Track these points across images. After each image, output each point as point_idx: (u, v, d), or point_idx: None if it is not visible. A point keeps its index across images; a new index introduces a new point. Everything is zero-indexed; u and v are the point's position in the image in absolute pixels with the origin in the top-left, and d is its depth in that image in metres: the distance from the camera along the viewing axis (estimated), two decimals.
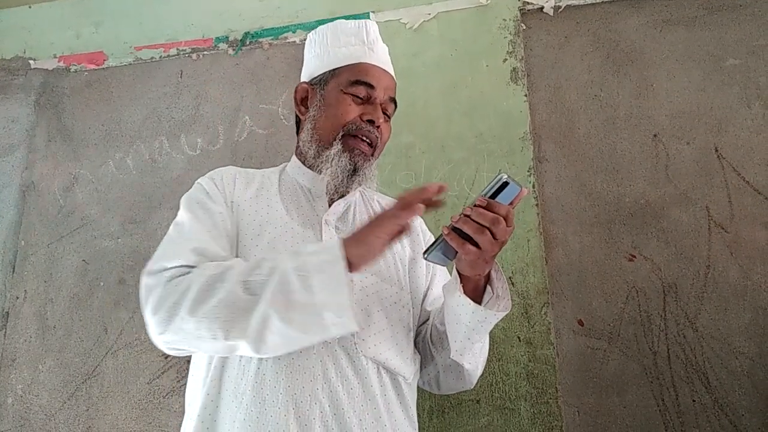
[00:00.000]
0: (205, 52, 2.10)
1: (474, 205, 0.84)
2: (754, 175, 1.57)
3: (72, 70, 2.21)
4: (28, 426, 1.85)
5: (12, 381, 1.91)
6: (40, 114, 2.20)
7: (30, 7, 2.32)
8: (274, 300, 0.82)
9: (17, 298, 2.00)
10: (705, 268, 1.54)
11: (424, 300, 1.13)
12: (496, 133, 1.72)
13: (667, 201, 1.60)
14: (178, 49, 2.12)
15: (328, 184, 1.07)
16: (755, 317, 1.48)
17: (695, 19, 1.72)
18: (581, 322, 1.57)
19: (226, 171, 1.13)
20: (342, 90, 1.09)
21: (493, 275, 0.97)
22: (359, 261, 0.85)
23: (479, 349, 1.05)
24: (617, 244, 1.60)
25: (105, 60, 2.19)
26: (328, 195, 1.10)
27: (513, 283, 1.58)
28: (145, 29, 2.17)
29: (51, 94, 2.21)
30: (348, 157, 1.06)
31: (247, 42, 2.05)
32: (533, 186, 1.66)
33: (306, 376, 0.92)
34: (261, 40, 2.04)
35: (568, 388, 1.52)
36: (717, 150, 1.61)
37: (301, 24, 2.01)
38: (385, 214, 0.86)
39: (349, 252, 0.84)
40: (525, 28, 1.82)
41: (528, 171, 1.66)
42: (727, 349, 1.47)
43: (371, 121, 1.08)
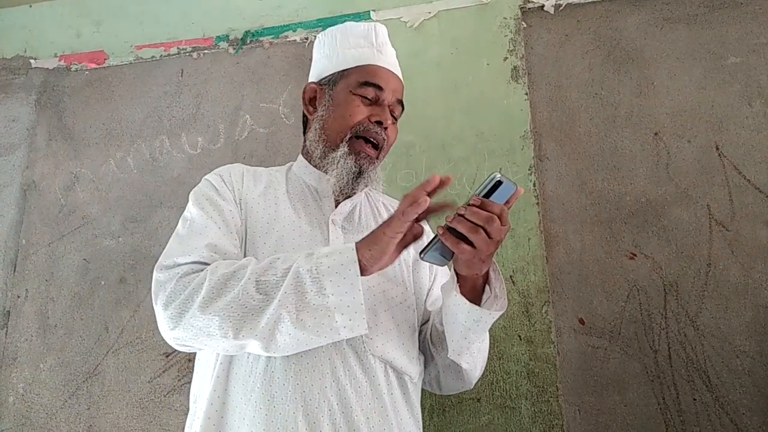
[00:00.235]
0: (206, 50, 2.10)
1: (468, 205, 0.84)
2: (755, 174, 1.57)
3: (73, 69, 2.22)
4: (29, 425, 1.86)
5: (13, 380, 1.92)
6: (40, 113, 2.20)
7: (30, 7, 2.32)
8: (286, 301, 0.82)
9: (18, 297, 2.00)
10: (706, 266, 1.53)
11: (425, 300, 1.14)
12: (496, 132, 1.71)
13: (668, 199, 1.60)
14: (178, 48, 2.12)
15: (333, 185, 1.08)
16: (756, 316, 1.48)
17: (696, 17, 1.71)
18: (582, 320, 1.57)
19: (234, 168, 1.13)
20: (351, 91, 1.10)
21: (491, 275, 0.97)
22: (372, 264, 0.86)
23: (477, 350, 1.05)
24: (618, 242, 1.60)
25: (105, 59, 2.19)
26: (333, 195, 1.11)
27: (514, 282, 1.58)
28: (146, 28, 2.18)
29: (52, 93, 2.21)
30: (354, 160, 1.07)
31: (248, 41, 2.05)
32: (534, 185, 1.65)
33: (315, 374, 0.92)
34: (261, 38, 2.04)
35: (568, 386, 1.52)
36: (718, 148, 1.61)
37: (302, 23, 2.01)
38: (394, 215, 0.86)
39: (363, 255, 0.85)
40: (526, 26, 1.82)
41: (529, 169, 1.66)
42: (728, 348, 1.47)
43: (379, 123, 1.08)
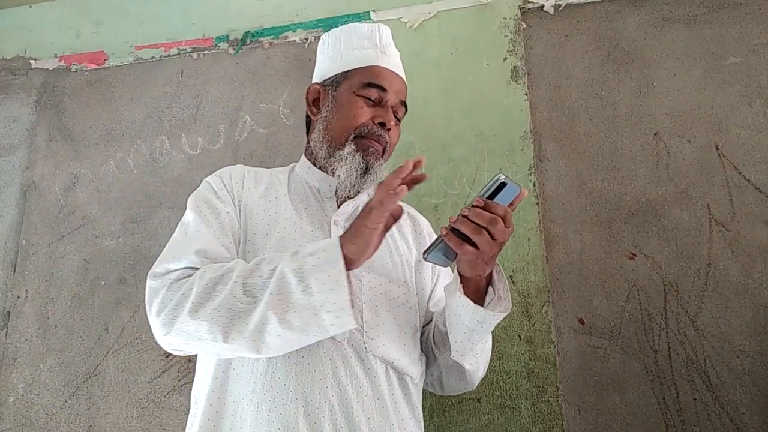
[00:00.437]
0: (206, 51, 2.10)
1: (471, 206, 0.84)
2: (755, 174, 1.57)
3: (72, 69, 2.22)
4: (29, 425, 1.86)
5: (13, 380, 1.92)
6: (40, 114, 2.20)
7: (30, 7, 2.32)
8: (272, 302, 0.82)
9: (18, 297, 2.00)
10: (706, 266, 1.53)
11: (428, 301, 1.14)
12: (496, 132, 1.71)
13: (668, 199, 1.60)
14: (178, 49, 2.12)
15: (340, 184, 1.08)
16: (756, 315, 1.48)
17: (696, 18, 1.72)
18: (582, 320, 1.57)
19: (234, 169, 1.13)
20: (354, 92, 1.10)
21: (495, 276, 0.97)
22: (358, 257, 0.85)
23: (480, 351, 1.05)
24: (618, 242, 1.60)
25: (105, 60, 2.19)
26: (336, 196, 1.11)
27: (513, 282, 1.58)
28: (146, 29, 2.18)
29: (52, 93, 2.21)
30: (361, 156, 1.06)
31: (248, 41, 2.05)
32: (534, 185, 1.65)
33: (316, 374, 0.92)
34: (261, 39, 2.04)
35: (568, 386, 1.52)
36: (718, 148, 1.61)
37: (302, 23, 2.01)
38: (371, 204, 0.85)
39: (347, 249, 0.84)
40: (525, 26, 1.82)
41: (528, 170, 1.66)
42: (728, 348, 1.47)
43: (382, 124, 1.08)
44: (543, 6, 1.81)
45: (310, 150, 1.17)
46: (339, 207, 1.10)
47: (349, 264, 0.85)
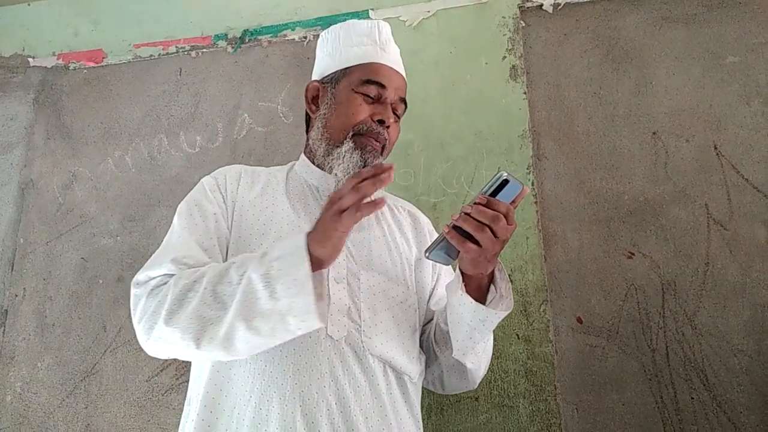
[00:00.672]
0: (204, 49, 2.10)
1: (474, 203, 0.84)
2: (753, 173, 1.57)
3: (71, 67, 2.21)
4: (26, 423, 1.86)
5: (11, 379, 1.91)
6: (38, 112, 2.20)
7: (29, 5, 2.32)
8: (240, 310, 0.82)
9: (16, 295, 2.00)
10: (704, 265, 1.54)
11: (429, 300, 1.13)
12: (495, 131, 1.71)
13: (666, 198, 1.60)
14: (177, 47, 2.12)
15: (338, 182, 1.07)
16: (754, 315, 1.48)
17: (694, 17, 1.72)
18: (580, 319, 1.57)
19: (230, 170, 1.13)
20: (353, 89, 1.09)
21: (497, 274, 0.96)
22: (327, 260, 0.84)
23: (482, 349, 1.05)
24: (616, 241, 1.60)
25: (104, 58, 2.18)
26: None
27: (512, 281, 1.57)
28: (144, 27, 2.17)
29: (50, 91, 2.21)
30: (359, 154, 1.06)
31: (246, 39, 2.05)
32: (532, 183, 1.65)
33: (313, 373, 0.92)
34: (260, 37, 2.04)
35: (566, 385, 1.52)
36: (716, 147, 1.61)
37: (300, 21, 2.00)
38: (335, 200, 0.83)
39: (316, 251, 0.83)
40: (524, 25, 1.82)
41: (527, 168, 1.66)
42: (726, 347, 1.47)
43: (381, 121, 1.08)
44: (542, 5, 1.81)
45: (309, 148, 1.17)
46: None
47: (318, 265, 0.83)
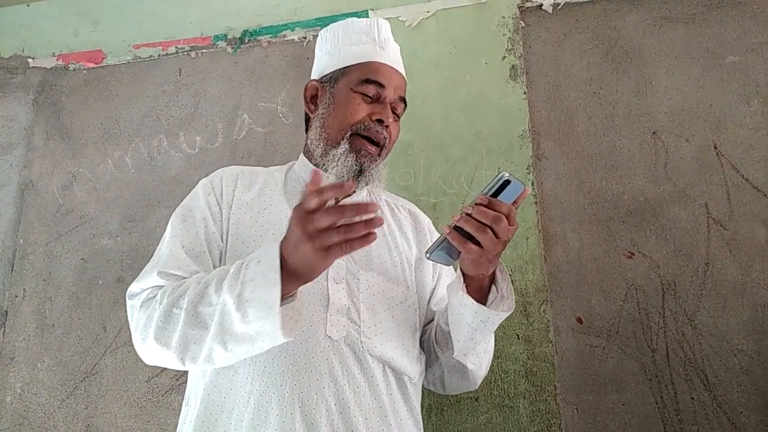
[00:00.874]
0: (204, 50, 2.09)
1: (475, 204, 0.83)
2: (753, 173, 1.57)
3: (70, 68, 2.21)
4: (26, 424, 1.85)
5: (11, 379, 1.91)
6: (38, 112, 2.19)
7: (28, 6, 2.32)
8: (217, 332, 0.83)
9: (16, 296, 2.00)
10: (704, 265, 1.53)
11: (429, 300, 1.13)
12: (494, 131, 1.71)
13: (666, 198, 1.60)
14: (176, 47, 2.11)
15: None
16: (754, 314, 1.48)
17: (694, 16, 1.71)
18: (580, 319, 1.57)
19: (227, 172, 1.13)
20: (352, 88, 1.08)
21: (498, 275, 0.96)
22: (304, 281, 0.81)
23: (483, 350, 1.04)
24: (616, 241, 1.60)
25: (103, 58, 2.18)
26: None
27: (512, 281, 1.57)
28: (144, 27, 2.17)
29: (49, 92, 2.21)
30: (354, 158, 1.05)
31: (246, 40, 2.05)
32: (532, 183, 1.65)
33: (312, 374, 0.92)
34: (260, 38, 2.04)
35: (566, 385, 1.52)
36: (716, 147, 1.61)
37: (300, 22, 2.00)
38: (308, 218, 0.76)
39: (293, 272, 0.79)
40: (524, 25, 1.82)
41: (527, 168, 1.66)
42: (726, 347, 1.47)
43: (380, 121, 1.07)
44: (542, 5, 1.81)
45: (307, 148, 1.16)
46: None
47: (297, 282, 0.81)
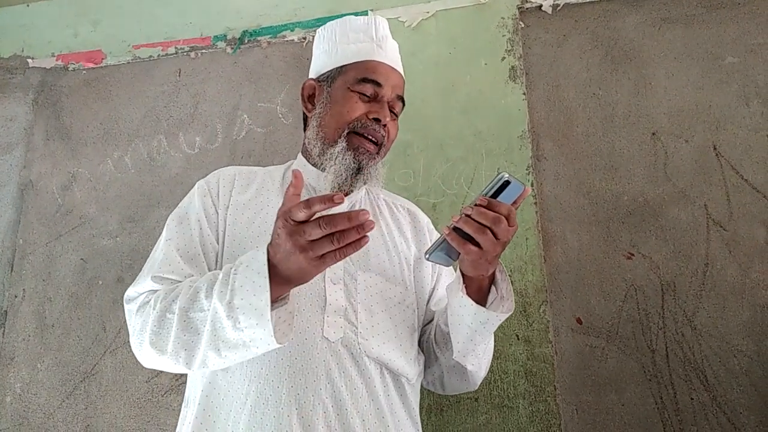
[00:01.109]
0: (204, 50, 2.09)
1: (475, 205, 0.83)
2: (752, 173, 1.57)
3: (70, 68, 2.21)
4: (26, 425, 1.85)
5: (10, 380, 1.91)
6: (38, 113, 2.19)
7: (28, 6, 2.32)
8: (210, 339, 0.84)
9: (16, 296, 2.00)
10: (703, 266, 1.54)
11: (429, 300, 1.13)
12: (494, 132, 1.71)
13: (666, 199, 1.60)
14: (176, 48, 2.11)
15: (331, 182, 1.06)
16: (753, 315, 1.48)
17: (693, 17, 1.72)
18: (579, 320, 1.57)
19: (224, 173, 1.13)
20: (349, 87, 1.08)
21: (498, 276, 0.96)
22: (300, 283, 0.82)
23: (483, 351, 1.04)
24: (616, 242, 1.60)
25: (103, 58, 2.18)
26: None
27: (511, 282, 1.57)
28: (144, 28, 2.17)
29: (49, 92, 2.21)
30: (352, 156, 1.04)
31: (246, 40, 2.05)
32: (532, 184, 1.65)
33: (309, 376, 0.91)
34: (259, 38, 2.04)
35: (566, 386, 1.52)
36: (715, 148, 1.61)
37: (300, 22, 2.00)
38: (299, 234, 0.76)
39: (282, 278, 0.80)
40: (523, 26, 1.82)
41: (526, 169, 1.66)
42: (726, 348, 1.47)
43: (377, 120, 1.06)
44: (541, 6, 1.81)
45: (305, 147, 1.16)
46: None
47: (287, 286, 0.82)
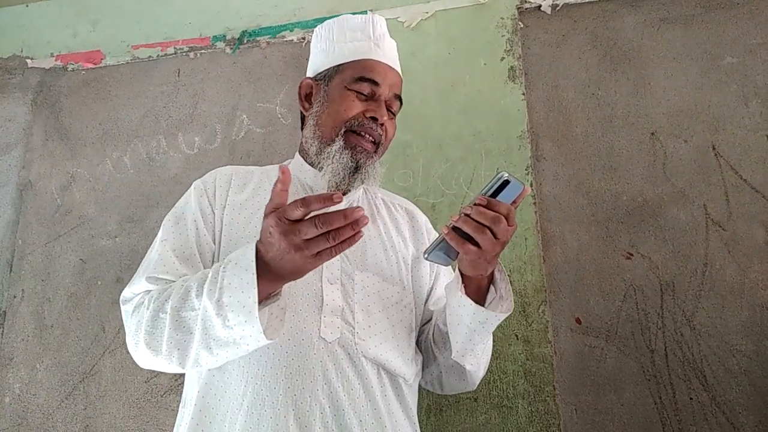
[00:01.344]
0: (203, 50, 2.09)
1: (474, 204, 0.83)
2: (751, 173, 1.57)
3: (69, 68, 2.21)
4: (25, 425, 1.85)
5: (9, 380, 1.91)
6: (37, 113, 2.19)
7: (27, 6, 2.32)
8: (202, 338, 0.84)
9: (14, 297, 1.99)
10: (702, 266, 1.54)
11: (427, 300, 1.12)
12: (493, 132, 1.71)
13: (665, 199, 1.60)
14: (175, 48, 2.11)
15: (329, 180, 1.05)
16: (752, 315, 1.48)
17: (692, 18, 1.72)
18: (579, 320, 1.57)
19: (221, 172, 1.12)
20: (346, 86, 1.07)
21: (497, 275, 0.96)
22: (294, 278, 0.82)
23: (481, 351, 1.04)
24: (615, 242, 1.60)
25: (102, 59, 2.18)
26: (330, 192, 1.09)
27: (511, 281, 1.57)
28: (143, 28, 2.17)
29: (48, 93, 2.21)
30: (350, 155, 1.04)
31: (245, 40, 2.05)
32: (531, 184, 1.65)
33: (306, 377, 0.91)
34: (258, 38, 2.04)
35: (565, 386, 1.52)
36: (714, 148, 1.61)
37: (299, 22, 2.00)
38: (294, 233, 0.77)
39: (278, 275, 0.80)
40: (523, 26, 1.82)
41: (526, 169, 1.66)
42: (725, 347, 1.47)
43: (375, 119, 1.06)
44: (540, 6, 1.81)
45: (302, 146, 1.15)
46: None
47: (288, 280, 0.82)
